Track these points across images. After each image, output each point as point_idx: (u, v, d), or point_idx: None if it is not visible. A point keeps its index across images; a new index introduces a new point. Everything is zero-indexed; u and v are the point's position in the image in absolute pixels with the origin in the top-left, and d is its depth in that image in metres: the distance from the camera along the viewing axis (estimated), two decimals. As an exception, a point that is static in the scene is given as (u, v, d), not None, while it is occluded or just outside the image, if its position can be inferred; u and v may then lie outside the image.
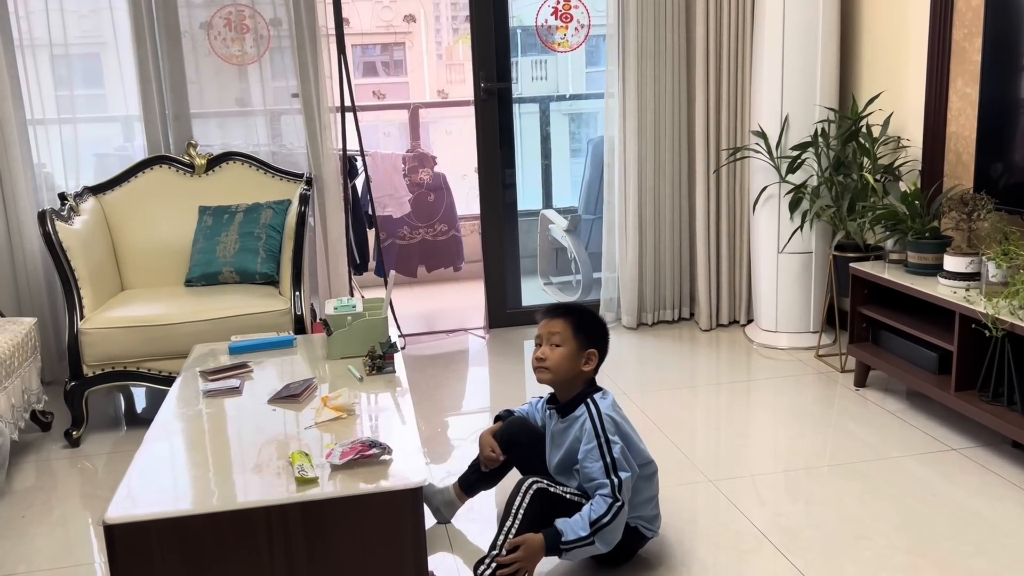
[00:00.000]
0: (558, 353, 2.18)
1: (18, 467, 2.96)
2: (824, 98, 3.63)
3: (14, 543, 2.47)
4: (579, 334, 2.19)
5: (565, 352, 2.17)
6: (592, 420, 2.11)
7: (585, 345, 2.19)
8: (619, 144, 4.05)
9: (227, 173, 3.77)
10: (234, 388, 2.34)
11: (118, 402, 3.66)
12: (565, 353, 2.17)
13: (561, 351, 2.17)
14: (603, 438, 2.08)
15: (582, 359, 2.19)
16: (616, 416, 2.15)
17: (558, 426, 2.23)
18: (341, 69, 3.85)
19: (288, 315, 3.18)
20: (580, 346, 2.18)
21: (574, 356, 2.18)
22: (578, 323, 2.20)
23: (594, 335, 2.22)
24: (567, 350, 2.17)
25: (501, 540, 2.01)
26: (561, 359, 2.17)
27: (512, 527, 2.02)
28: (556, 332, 2.19)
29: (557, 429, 2.24)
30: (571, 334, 2.18)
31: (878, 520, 2.40)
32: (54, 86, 3.73)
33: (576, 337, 2.18)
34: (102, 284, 3.35)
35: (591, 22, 4.17)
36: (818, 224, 3.66)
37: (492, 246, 4.25)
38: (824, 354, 3.69)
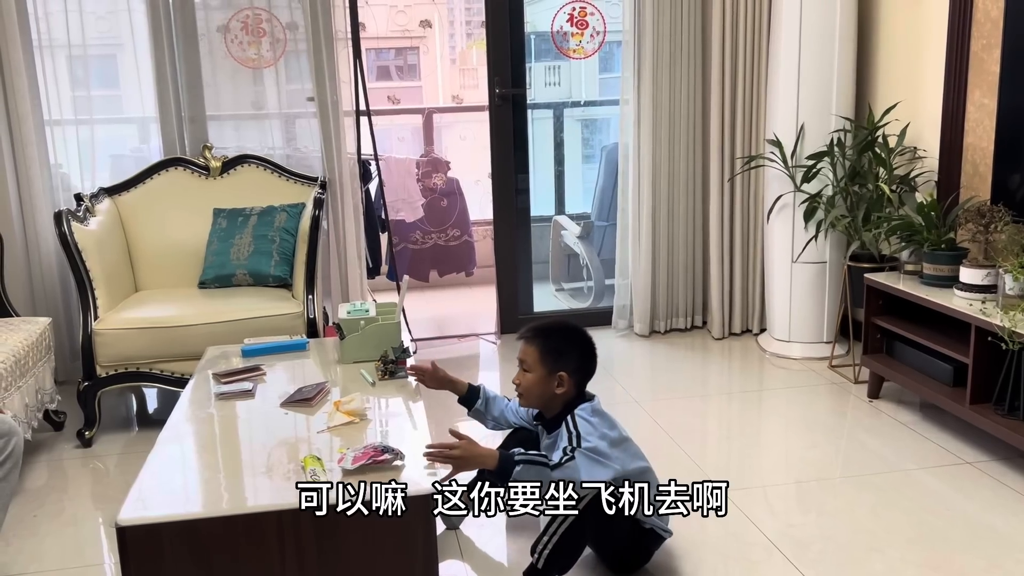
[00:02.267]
0: (528, 379, 2.18)
1: (31, 466, 2.97)
2: (840, 107, 3.61)
3: (26, 542, 2.48)
4: (546, 359, 2.16)
5: (533, 379, 2.17)
6: (569, 431, 2.08)
7: (553, 369, 2.15)
8: (633, 151, 4.04)
9: (242, 176, 3.78)
10: (247, 391, 2.34)
11: (130, 403, 3.67)
12: (533, 380, 2.17)
13: (530, 377, 2.17)
14: (574, 432, 2.07)
15: (553, 382, 2.16)
16: (593, 422, 2.11)
17: (547, 441, 2.24)
18: (357, 73, 3.86)
19: (301, 318, 3.19)
20: (548, 371, 2.16)
21: (543, 381, 2.16)
22: (544, 348, 2.16)
23: (565, 354, 2.17)
24: (535, 376, 2.17)
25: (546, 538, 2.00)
26: (531, 385, 2.18)
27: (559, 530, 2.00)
28: (525, 358, 2.19)
29: (546, 444, 2.24)
30: (537, 359, 2.16)
31: (891, 533, 2.38)
32: (71, 87, 3.75)
33: (543, 362, 2.16)
34: (116, 285, 3.36)
35: (607, 29, 4.17)
36: (833, 234, 3.65)
37: (505, 251, 4.24)
38: (837, 365, 3.67)
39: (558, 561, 2.00)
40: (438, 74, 13.50)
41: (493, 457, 1.97)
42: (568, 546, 2.00)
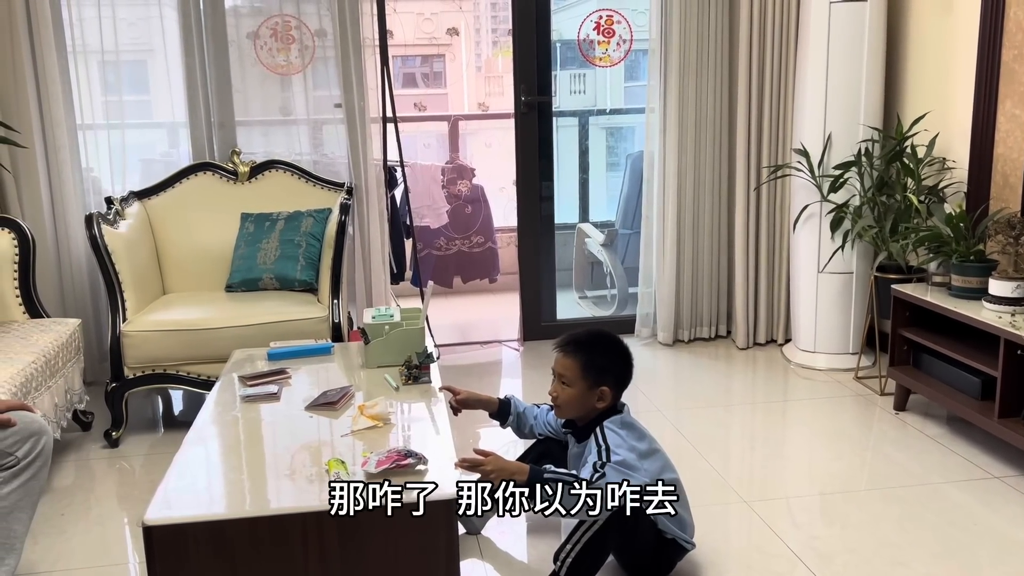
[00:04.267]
0: (567, 393, 2.15)
1: (59, 466, 3.01)
2: (868, 117, 3.59)
3: (53, 540, 2.51)
4: (588, 374, 2.13)
5: (574, 393, 2.14)
6: (599, 446, 2.08)
7: (596, 383, 2.13)
8: (659, 159, 4.04)
9: (269, 181, 3.81)
10: (272, 394, 2.36)
11: (156, 404, 3.71)
12: (574, 394, 2.14)
13: (570, 392, 2.14)
14: (603, 446, 2.06)
15: (594, 397, 2.14)
16: (622, 432, 2.11)
17: (574, 450, 2.23)
18: (384, 80, 3.89)
19: (326, 323, 3.21)
20: (589, 385, 2.14)
21: (583, 396, 2.14)
22: (587, 363, 2.14)
23: (607, 371, 2.15)
24: (576, 391, 2.14)
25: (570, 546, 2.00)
26: (570, 399, 2.15)
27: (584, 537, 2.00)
28: (564, 371, 2.15)
29: (574, 453, 2.23)
30: (579, 375, 2.13)
31: (916, 547, 2.36)
32: (103, 92, 3.80)
33: (584, 378, 2.13)
34: (145, 287, 3.40)
35: (633, 37, 4.17)
36: (859, 244, 3.62)
37: (528, 258, 4.25)
38: (863, 376, 3.64)
39: (580, 570, 2.00)
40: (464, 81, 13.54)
41: (523, 471, 1.96)
42: (591, 555, 1.99)
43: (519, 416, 2.42)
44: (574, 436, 2.24)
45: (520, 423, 2.42)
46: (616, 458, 2.01)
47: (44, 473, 2.15)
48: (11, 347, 2.82)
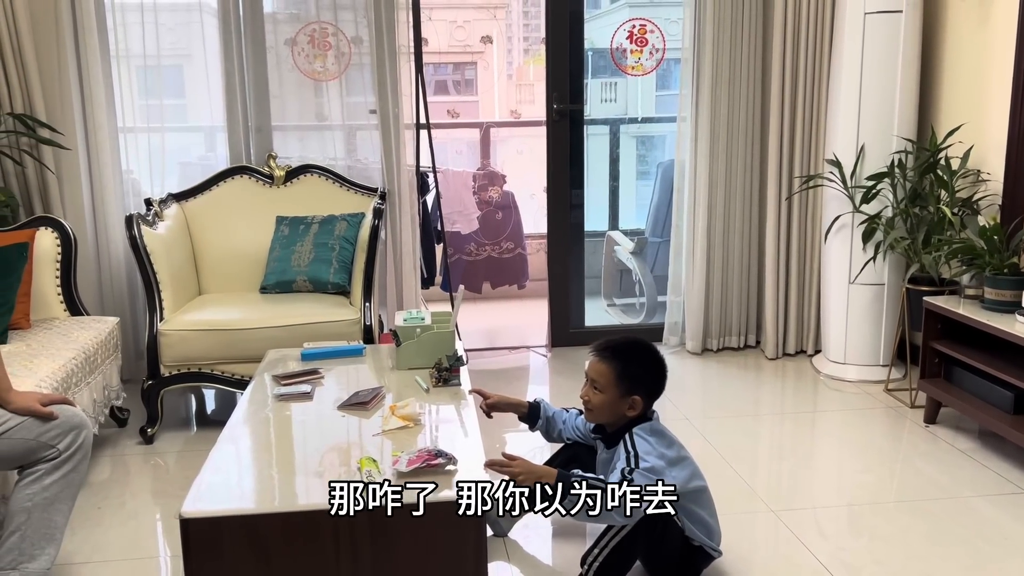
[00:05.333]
0: (599, 399, 2.16)
1: (96, 461, 3.08)
2: (902, 128, 3.58)
3: (90, 532, 2.57)
4: (621, 381, 2.14)
5: (606, 400, 2.15)
6: (627, 452, 2.09)
7: (628, 391, 2.14)
8: (690, 168, 4.04)
9: (304, 185, 3.87)
10: (305, 393, 2.40)
11: (190, 403, 3.77)
12: (606, 400, 2.15)
13: (602, 398, 2.15)
14: (632, 452, 2.07)
15: (624, 405, 2.15)
16: (650, 440, 2.12)
17: (603, 456, 2.25)
18: (418, 87, 3.94)
19: (358, 325, 3.25)
20: (621, 393, 2.14)
21: (615, 403, 2.15)
22: (621, 370, 2.14)
23: (640, 379, 2.16)
24: (608, 398, 2.15)
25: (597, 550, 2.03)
26: (602, 405, 2.16)
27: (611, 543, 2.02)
28: (598, 377, 2.16)
29: (603, 459, 2.25)
30: (612, 381, 2.14)
31: (946, 560, 2.35)
32: (144, 96, 3.88)
33: (618, 385, 2.14)
34: (181, 287, 3.47)
35: (666, 46, 4.19)
36: (891, 256, 3.60)
37: (557, 265, 4.27)
38: (893, 388, 3.62)
39: (608, 574, 2.01)
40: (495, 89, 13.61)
41: (551, 475, 1.98)
42: (619, 560, 2.01)
43: (548, 420, 2.44)
44: (603, 442, 2.25)
45: (549, 427, 2.45)
46: (644, 464, 2.02)
47: (84, 466, 2.20)
48: (52, 343, 2.89)
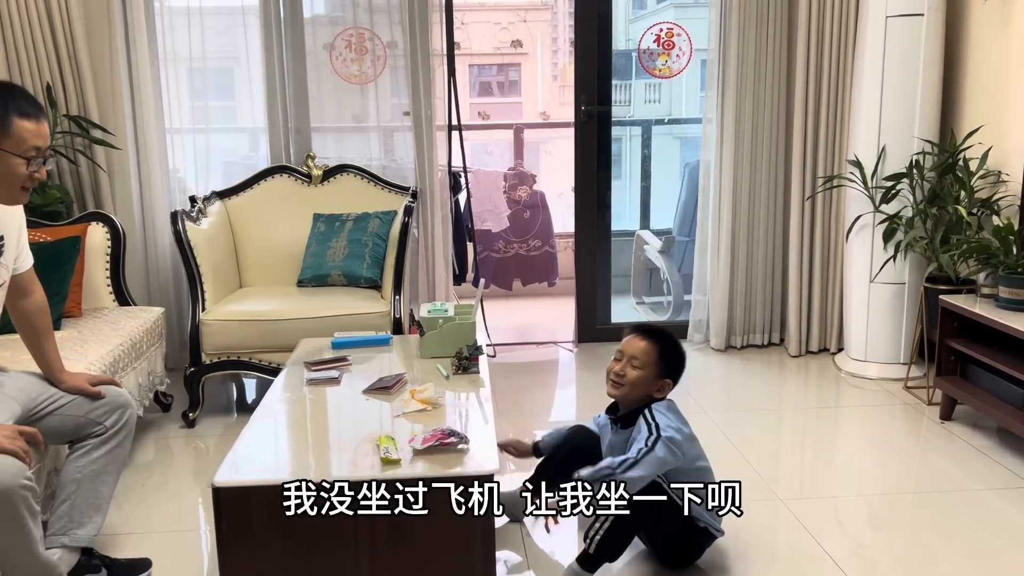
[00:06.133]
0: (636, 375, 2.25)
1: (140, 443, 3.27)
2: (923, 130, 3.63)
3: (135, 507, 2.75)
4: (661, 363, 2.25)
5: (643, 375, 2.24)
6: (648, 424, 2.19)
7: (664, 373, 2.26)
8: (715, 168, 4.13)
9: (341, 184, 4.04)
10: (334, 378, 2.56)
11: (230, 391, 3.96)
12: (642, 376, 2.25)
13: (640, 373, 2.24)
14: (653, 423, 2.17)
15: (656, 385, 2.26)
16: (669, 415, 2.22)
17: (617, 437, 2.32)
18: (450, 90, 4.08)
19: (388, 317, 3.40)
20: (659, 373, 2.25)
21: (650, 381, 2.25)
22: (663, 352, 2.25)
23: (674, 365, 2.28)
24: (645, 374, 2.24)
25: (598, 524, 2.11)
26: (637, 380, 2.25)
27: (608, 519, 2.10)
28: (639, 354, 2.25)
29: (616, 440, 2.32)
30: (654, 359, 2.24)
31: (948, 549, 2.41)
32: (190, 98, 4.08)
33: (658, 364, 2.25)
34: (223, 280, 3.65)
35: (693, 48, 4.28)
36: (911, 255, 3.65)
37: (585, 263, 4.38)
38: (912, 386, 3.67)
39: (608, 548, 2.12)
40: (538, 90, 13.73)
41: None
42: (619, 533, 2.11)
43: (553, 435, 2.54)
44: (617, 422, 2.34)
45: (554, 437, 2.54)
46: (666, 434, 2.11)
47: (128, 442, 2.37)
48: (102, 330, 3.09)
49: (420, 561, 1.91)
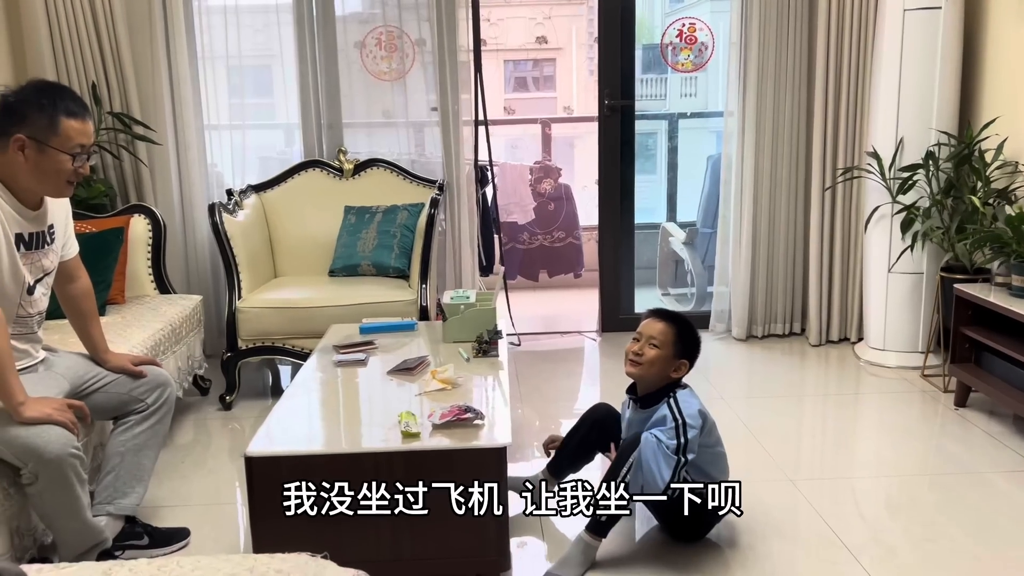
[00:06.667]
0: (654, 354, 2.34)
1: (180, 424, 3.44)
2: (941, 122, 3.67)
3: (176, 483, 2.92)
4: (678, 343, 2.35)
5: (661, 355, 2.34)
6: (671, 409, 2.29)
7: (680, 354, 2.36)
8: (736, 160, 4.20)
9: (371, 177, 4.18)
10: (361, 360, 2.69)
11: (266, 377, 4.12)
12: (661, 355, 2.34)
13: (658, 353, 2.34)
14: (680, 420, 2.27)
15: (673, 366, 2.36)
16: (693, 402, 2.33)
17: (636, 415, 2.42)
18: (476, 85, 4.20)
19: (415, 305, 3.53)
20: (676, 354, 2.35)
21: (667, 361, 2.35)
22: (680, 333, 2.36)
23: (690, 347, 2.38)
24: (664, 354, 2.34)
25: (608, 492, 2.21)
26: (655, 360, 2.34)
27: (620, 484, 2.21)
28: (657, 335, 2.35)
29: (635, 418, 2.42)
30: (672, 340, 2.35)
31: (952, 527, 2.49)
32: (228, 95, 4.23)
33: (675, 345, 2.35)
34: (258, 270, 3.81)
35: (715, 43, 4.35)
36: (929, 245, 3.70)
37: (608, 255, 4.48)
38: (930, 374, 3.72)
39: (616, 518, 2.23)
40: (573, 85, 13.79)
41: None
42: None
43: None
44: (637, 402, 2.43)
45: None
46: (691, 434, 2.23)
47: (168, 419, 2.53)
48: (144, 316, 3.26)
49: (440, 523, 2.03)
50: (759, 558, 2.35)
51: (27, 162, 2.15)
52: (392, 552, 1.96)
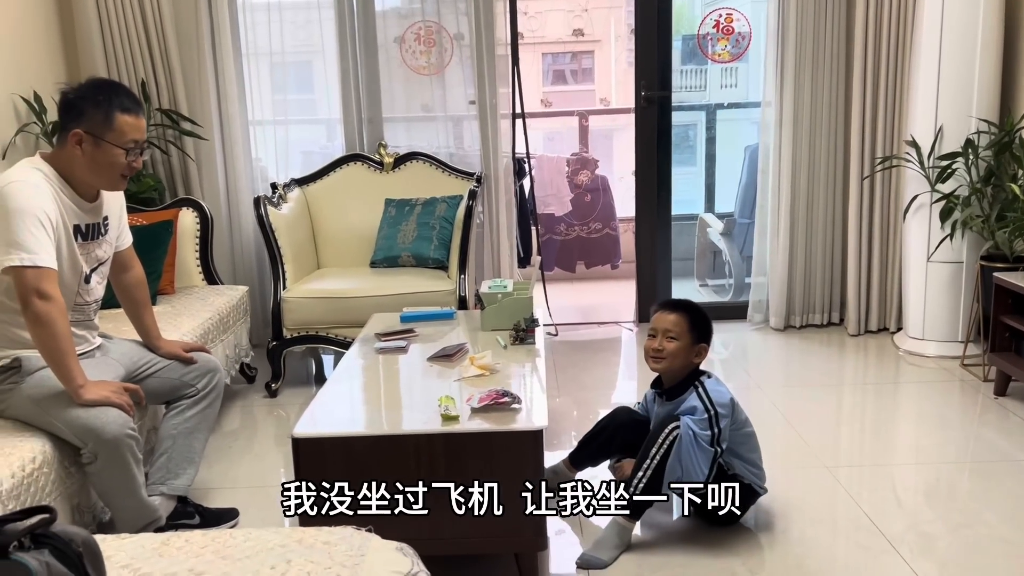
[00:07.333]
0: (674, 346, 2.40)
1: (227, 411, 3.55)
2: (981, 110, 3.64)
3: (224, 466, 3.03)
4: (694, 330, 2.41)
5: (680, 345, 2.40)
6: (702, 399, 2.34)
7: (698, 339, 2.42)
8: (774, 151, 4.20)
9: (410, 170, 4.25)
10: (402, 347, 2.77)
11: (309, 366, 4.22)
12: (680, 346, 2.40)
13: (677, 344, 2.40)
14: (712, 411, 2.32)
15: (694, 352, 2.42)
16: (722, 389, 2.38)
17: (663, 408, 2.47)
18: (514, 79, 4.25)
19: (453, 295, 3.60)
20: (694, 340, 2.41)
21: (688, 350, 2.41)
22: (692, 321, 2.42)
23: (705, 331, 2.44)
24: (682, 344, 2.40)
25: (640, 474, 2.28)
26: (677, 352, 2.40)
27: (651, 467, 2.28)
28: (672, 327, 2.41)
29: (662, 411, 2.47)
30: (687, 329, 2.41)
31: (988, 511, 2.50)
32: (271, 91, 4.34)
33: (691, 332, 2.41)
34: (302, 261, 3.91)
35: (753, 33, 4.35)
36: (969, 234, 3.68)
37: (645, 245, 4.51)
38: (969, 363, 3.70)
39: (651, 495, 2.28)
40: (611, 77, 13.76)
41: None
42: (660, 481, 2.27)
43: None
44: (663, 395, 2.49)
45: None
46: (723, 423, 2.30)
47: (217, 403, 2.63)
48: (193, 306, 3.37)
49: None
50: (792, 543, 2.38)
51: (84, 156, 2.25)
52: (432, 531, 2.03)
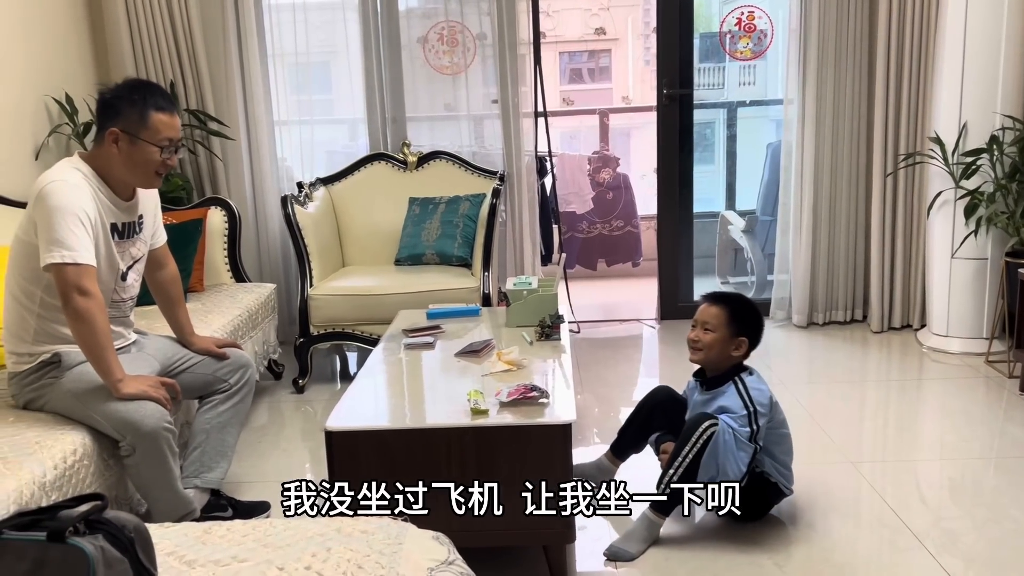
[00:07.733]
0: (710, 337, 2.43)
1: (256, 407, 3.59)
2: (1006, 106, 3.64)
3: (254, 460, 3.07)
4: (732, 323, 2.43)
5: (717, 337, 2.43)
6: (741, 396, 2.36)
7: (737, 333, 2.43)
8: (796, 148, 4.21)
9: (434, 169, 4.29)
10: (429, 343, 2.80)
11: (335, 363, 4.27)
12: (717, 338, 2.43)
13: (713, 336, 2.43)
14: (751, 408, 2.34)
15: (732, 345, 2.43)
16: (763, 388, 2.40)
17: (701, 397, 2.50)
18: (536, 78, 4.28)
19: (477, 292, 3.64)
20: (732, 333, 2.43)
21: (725, 342, 2.43)
22: (732, 312, 2.44)
23: (746, 324, 2.45)
24: (719, 336, 2.43)
25: (672, 471, 2.30)
26: (712, 343, 2.43)
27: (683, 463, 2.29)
28: (710, 319, 2.44)
29: (700, 400, 2.50)
30: (724, 322, 2.43)
31: (1013, 507, 2.50)
32: (296, 91, 4.39)
33: (729, 325, 2.43)
34: (328, 259, 3.95)
35: (774, 31, 4.36)
36: (993, 231, 3.67)
37: (667, 243, 4.53)
38: (994, 360, 3.70)
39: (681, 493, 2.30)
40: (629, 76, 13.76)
41: None
42: (692, 480, 2.29)
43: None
44: (703, 384, 2.51)
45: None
46: (762, 421, 2.33)
47: (249, 398, 2.67)
48: (222, 303, 3.42)
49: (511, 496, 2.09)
50: (819, 536, 2.40)
51: (120, 154, 2.30)
52: (462, 522, 2.06)
